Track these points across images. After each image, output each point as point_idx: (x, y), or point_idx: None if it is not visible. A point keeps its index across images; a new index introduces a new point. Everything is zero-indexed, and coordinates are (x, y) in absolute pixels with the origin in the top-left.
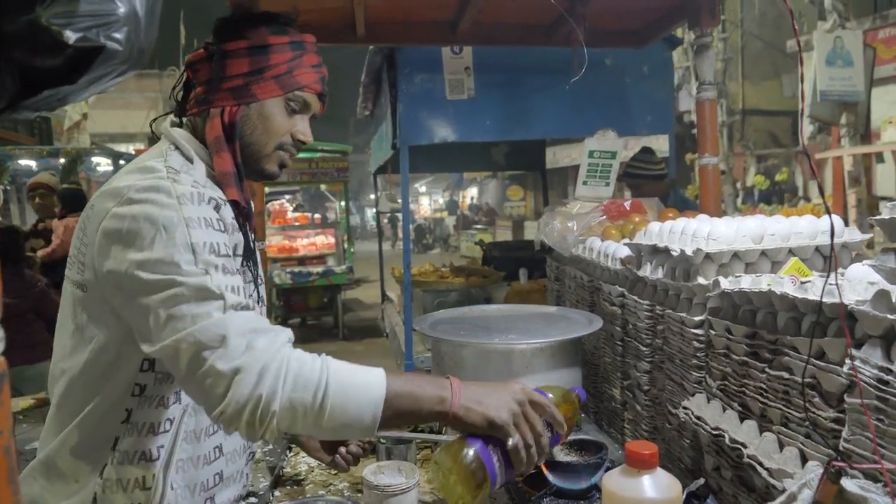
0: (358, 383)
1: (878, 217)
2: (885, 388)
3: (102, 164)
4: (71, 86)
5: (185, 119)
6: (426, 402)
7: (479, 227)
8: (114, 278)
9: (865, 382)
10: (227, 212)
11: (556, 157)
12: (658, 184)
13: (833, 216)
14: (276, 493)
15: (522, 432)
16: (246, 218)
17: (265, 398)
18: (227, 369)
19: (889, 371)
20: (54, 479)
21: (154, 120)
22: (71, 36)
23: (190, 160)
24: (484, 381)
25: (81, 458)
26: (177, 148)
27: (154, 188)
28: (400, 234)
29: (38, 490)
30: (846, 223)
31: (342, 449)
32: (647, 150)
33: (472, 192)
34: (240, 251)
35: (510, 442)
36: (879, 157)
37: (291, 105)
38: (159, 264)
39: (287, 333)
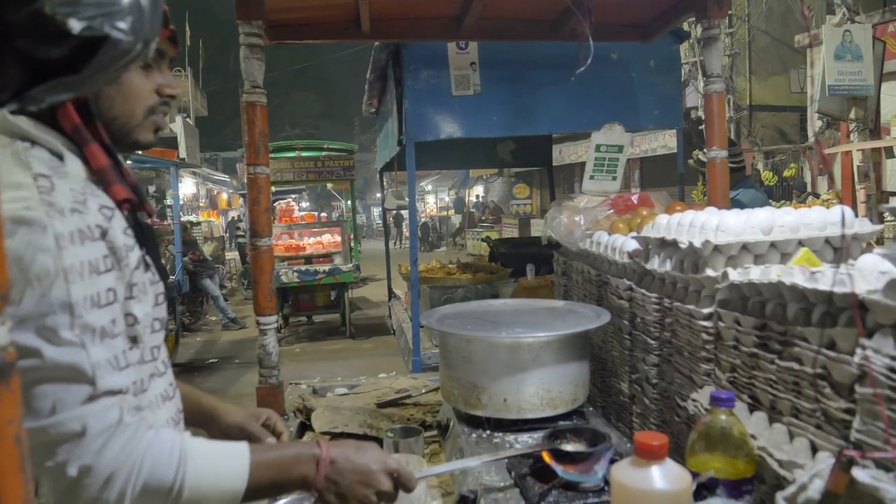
0: (217, 476)
1: (890, 205)
2: None
3: None
4: (75, 76)
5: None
6: (290, 486)
7: (485, 224)
8: None
9: (877, 372)
10: (119, 224)
11: (563, 154)
12: (732, 176)
13: (844, 207)
14: None
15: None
16: (138, 208)
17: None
18: (75, 471)
19: None
20: None
21: None
22: (75, 25)
23: (58, 155)
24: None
25: None
26: (33, 143)
27: (25, 221)
28: (405, 232)
29: None
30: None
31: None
32: (729, 143)
33: (479, 190)
34: (136, 264)
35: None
36: (889, 152)
37: (144, 61)
38: (27, 325)
39: (162, 413)
